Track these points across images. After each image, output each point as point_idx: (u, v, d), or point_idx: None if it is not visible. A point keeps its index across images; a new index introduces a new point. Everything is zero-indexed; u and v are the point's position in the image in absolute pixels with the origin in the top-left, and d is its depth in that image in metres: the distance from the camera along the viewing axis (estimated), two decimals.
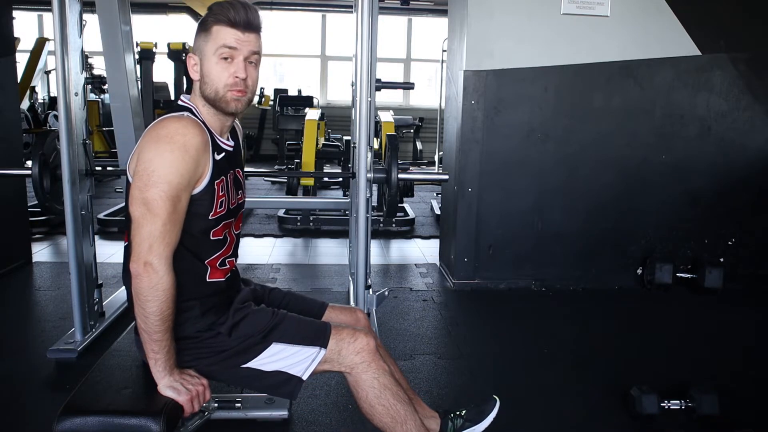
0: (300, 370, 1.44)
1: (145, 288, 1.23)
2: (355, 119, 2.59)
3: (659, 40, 3.37)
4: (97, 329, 2.60)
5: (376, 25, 2.51)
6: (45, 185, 2.51)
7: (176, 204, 1.26)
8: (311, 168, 5.12)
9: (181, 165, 1.26)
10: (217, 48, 1.34)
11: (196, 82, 1.39)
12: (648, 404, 2.01)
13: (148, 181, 1.24)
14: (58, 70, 2.33)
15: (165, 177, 1.24)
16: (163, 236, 1.24)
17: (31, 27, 9.88)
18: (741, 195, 3.56)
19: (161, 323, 1.25)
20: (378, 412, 1.45)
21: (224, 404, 1.98)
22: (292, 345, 1.43)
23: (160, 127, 1.30)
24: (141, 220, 1.24)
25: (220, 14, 1.34)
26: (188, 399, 1.30)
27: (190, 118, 1.34)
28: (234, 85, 1.35)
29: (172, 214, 1.25)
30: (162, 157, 1.25)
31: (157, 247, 1.23)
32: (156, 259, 1.23)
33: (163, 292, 1.24)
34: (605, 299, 3.38)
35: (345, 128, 6.87)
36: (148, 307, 1.24)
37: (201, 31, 1.37)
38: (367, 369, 1.44)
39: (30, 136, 6.74)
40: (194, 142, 1.28)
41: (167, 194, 1.24)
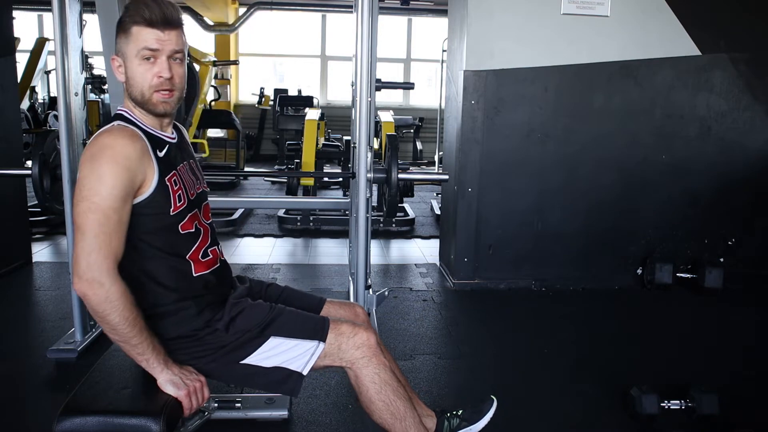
0: (299, 365, 1.43)
1: (97, 304, 1.21)
2: (355, 119, 2.59)
3: (659, 40, 3.37)
4: (97, 329, 2.59)
5: (376, 25, 2.51)
6: (45, 185, 2.51)
7: (109, 215, 1.22)
8: (311, 168, 5.11)
9: (111, 178, 1.23)
10: (139, 50, 1.31)
11: (123, 84, 1.37)
12: (648, 404, 2.01)
13: (80, 197, 1.23)
14: (58, 70, 2.33)
15: (93, 191, 1.22)
16: (98, 250, 1.21)
17: (31, 27, 9.87)
18: (741, 195, 3.56)
19: (130, 328, 1.24)
20: (378, 407, 1.45)
21: (224, 404, 1.98)
22: (290, 339, 1.42)
23: (91, 145, 1.29)
24: (75, 238, 1.23)
25: (136, 14, 1.30)
26: (186, 393, 1.30)
27: (121, 127, 1.32)
28: (159, 86, 1.33)
29: (104, 226, 1.22)
30: (93, 172, 1.24)
31: (94, 262, 1.20)
32: (96, 273, 1.20)
33: (118, 300, 1.21)
34: (605, 299, 3.38)
35: (345, 128, 6.87)
36: (110, 320, 1.22)
37: (120, 32, 1.33)
38: (368, 364, 1.44)
39: (30, 136, 6.74)
40: (125, 152, 1.26)
41: (96, 207, 1.22)
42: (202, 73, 5.99)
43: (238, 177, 7.21)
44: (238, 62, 9.45)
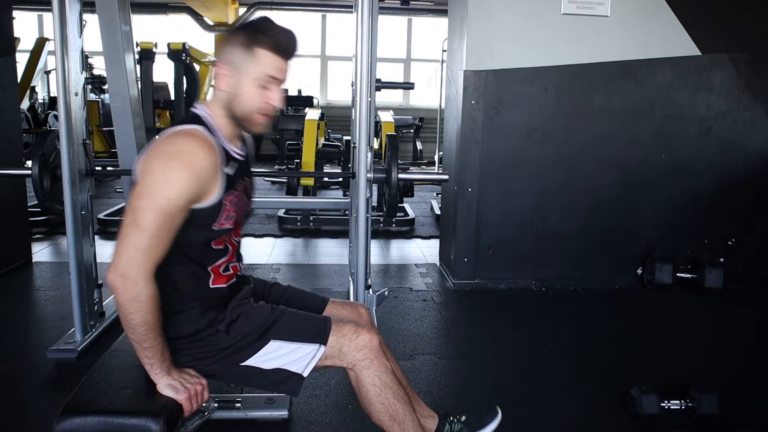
0: (300, 368, 1.43)
1: (125, 300, 1.20)
2: (355, 119, 2.59)
3: (659, 40, 3.37)
4: (97, 329, 2.60)
5: (376, 25, 2.51)
6: (45, 185, 2.51)
7: (167, 220, 1.22)
8: (311, 168, 5.12)
9: (182, 184, 1.23)
10: (261, 75, 1.32)
11: (221, 92, 1.35)
12: (648, 404, 2.01)
13: (145, 192, 1.22)
14: (58, 70, 2.33)
15: (162, 192, 1.21)
16: (146, 250, 1.20)
17: (31, 27, 9.88)
18: (741, 195, 3.56)
19: (149, 331, 1.24)
20: (377, 409, 1.45)
21: (224, 404, 1.98)
22: (290, 342, 1.42)
23: (169, 142, 1.28)
24: (127, 229, 1.21)
25: (269, 39, 1.31)
26: (186, 398, 1.30)
27: (202, 136, 1.29)
28: (266, 111, 1.35)
29: (160, 229, 1.21)
30: (164, 173, 1.23)
31: (138, 259, 1.19)
32: (135, 271, 1.19)
33: (145, 303, 1.21)
34: (605, 299, 3.38)
35: (345, 128, 6.87)
36: (132, 318, 1.22)
37: (242, 47, 1.32)
38: (369, 366, 1.44)
39: (30, 136, 6.75)
40: (201, 164, 1.25)
41: (160, 209, 1.21)
42: (202, 73, 6.00)
43: None
44: None
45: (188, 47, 5.41)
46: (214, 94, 1.39)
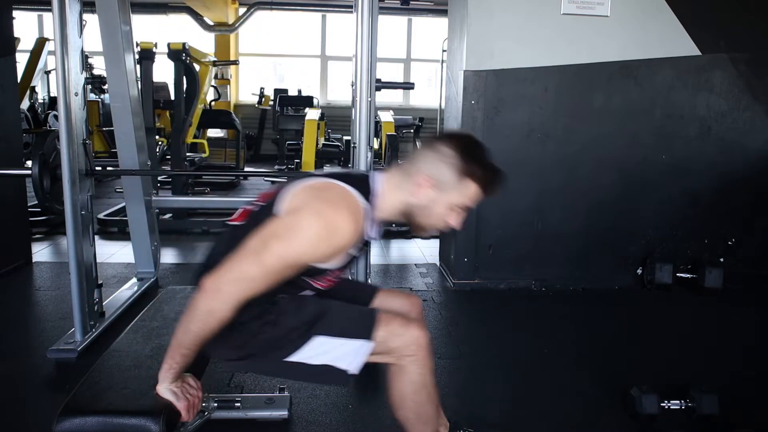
0: (347, 364, 1.39)
1: (203, 307, 1.22)
2: (355, 119, 2.60)
3: (659, 40, 3.37)
4: (97, 329, 2.60)
5: (376, 25, 2.51)
6: (45, 185, 2.51)
7: (284, 269, 1.25)
8: (311, 168, 5.12)
9: (316, 249, 1.24)
10: (460, 203, 1.36)
11: (414, 198, 1.35)
12: (648, 404, 2.01)
13: (282, 235, 1.23)
14: (58, 70, 2.32)
15: (295, 245, 1.23)
16: (252, 282, 1.23)
17: (31, 27, 9.88)
18: (741, 195, 3.56)
19: (196, 343, 1.25)
20: (407, 406, 1.44)
21: (224, 404, 1.98)
22: (335, 338, 1.38)
23: (333, 203, 1.26)
24: (248, 254, 1.23)
25: (482, 177, 1.35)
26: (185, 406, 1.29)
27: (359, 218, 1.29)
28: (441, 228, 1.38)
29: (272, 274, 1.24)
30: (308, 230, 1.23)
31: (240, 285, 1.22)
32: (229, 293, 1.22)
33: (215, 321, 1.23)
34: (605, 299, 3.38)
35: (345, 128, 6.86)
36: (194, 324, 1.23)
37: (455, 171, 1.33)
38: (414, 363, 1.41)
39: (30, 136, 6.74)
40: (344, 242, 1.26)
41: (285, 257, 1.23)
42: (202, 73, 5.99)
43: (238, 177, 7.21)
44: (238, 62, 9.45)
45: (188, 47, 5.40)
46: (399, 186, 1.37)
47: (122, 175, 3.31)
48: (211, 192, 6.46)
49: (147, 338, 1.61)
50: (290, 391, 2.15)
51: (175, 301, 1.90)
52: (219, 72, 8.17)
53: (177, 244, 4.36)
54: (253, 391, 2.20)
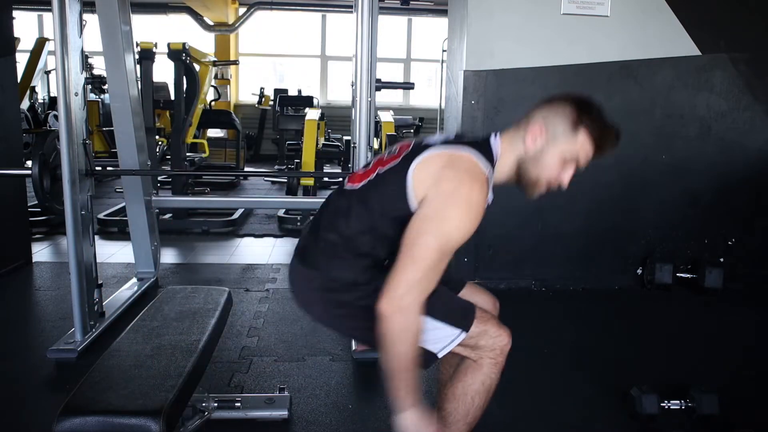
0: (437, 348, 1.40)
1: (397, 330, 1.23)
2: (355, 119, 2.60)
3: (659, 40, 3.37)
4: (97, 329, 2.60)
5: (376, 25, 2.51)
6: (45, 185, 2.51)
7: (445, 258, 1.25)
8: (311, 168, 5.12)
9: (465, 231, 1.25)
10: (572, 155, 1.34)
11: (525, 147, 1.36)
12: (648, 404, 2.01)
13: (432, 229, 1.24)
14: (58, 70, 2.33)
15: (448, 235, 1.24)
16: (423, 284, 1.24)
17: (31, 27, 9.88)
18: (741, 195, 3.56)
19: (409, 362, 1.26)
20: (463, 401, 1.45)
21: (224, 404, 1.98)
22: (435, 320, 1.39)
23: (467, 188, 1.26)
24: (407, 262, 1.24)
25: (598, 131, 1.33)
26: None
27: (488, 184, 1.30)
28: (551, 184, 1.36)
29: (437, 268, 1.24)
30: (458, 218, 1.24)
31: (414, 292, 1.23)
32: (411, 303, 1.23)
33: (414, 334, 1.25)
34: (605, 299, 3.38)
35: (345, 128, 6.87)
36: (398, 348, 1.24)
37: (569, 121, 1.34)
38: (491, 366, 1.43)
39: (30, 136, 6.74)
40: (483, 209, 1.28)
41: (442, 249, 1.24)
42: (202, 73, 5.99)
43: (238, 177, 7.21)
44: (238, 62, 9.45)
45: (188, 47, 5.40)
46: (513, 144, 1.38)
47: (122, 175, 3.31)
48: (211, 192, 6.46)
49: (147, 338, 1.61)
50: (290, 391, 2.16)
51: (175, 301, 1.90)
52: (219, 72, 8.17)
53: (177, 244, 4.36)
54: (253, 391, 2.20)
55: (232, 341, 2.64)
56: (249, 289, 3.37)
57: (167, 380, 1.37)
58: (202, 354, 1.56)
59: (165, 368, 1.43)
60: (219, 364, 2.40)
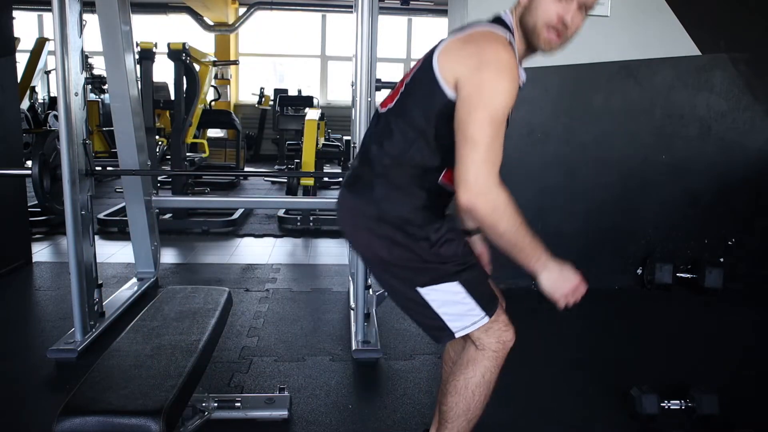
0: (456, 327, 1.41)
1: (486, 214, 1.23)
2: (355, 119, 2.60)
3: (659, 40, 3.37)
4: (97, 329, 2.60)
5: (376, 25, 2.51)
6: (45, 185, 2.51)
7: (499, 128, 1.24)
8: (311, 168, 5.11)
9: (508, 94, 1.24)
10: None
11: (520, 5, 1.36)
12: (648, 404, 2.01)
13: (475, 106, 1.23)
14: (58, 70, 2.33)
15: (492, 104, 1.23)
16: (487, 161, 1.22)
17: (31, 27, 9.88)
18: (741, 195, 3.56)
19: (517, 233, 1.27)
20: (464, 395, 1.45)
21: (224, 404, 1.98)
22: (468, 295, 1.40)
23: (492, 50, 1.26)
24: (465, 148, 1.23)
25: None
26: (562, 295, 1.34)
27: (510, 43, 1.31)
28: (553, 27, 1.32)
29: (495, 139, 1.23)
30: (495, 86, 1.23)
31: (484, 173, 1.22)
32: (485, 185, 1.22)
33: (505, 209, 1.24)
34: (605, 299, 3.38)
35: (345, 128, 6.87)
36: (499, 227, 1.25)
37: None
38: (494, 359, 1.44)
39: (30, 136, 6.74)
40: (517, 75, 1.28)
41: (492, 120, 1.22)
42: (202, 73, 5.99)
43: (238, 177, 7.21)
44: (238, 62, 9.45)
45: (188, 47, 5.40)
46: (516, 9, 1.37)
47: (122, 175, 3.31)
48: (211, 192, 6.46)
49: (147, 338, 1.61)
50: (290, 391, 2.16)
51: (175, 301, 1.90)
52: (219, 72, 8.17)
53: (177, 244, 4.36)
54: (253, 391, 2.20)
55: (232, 341, 2.64)
56: (249, 289, 3.37)
57: (167, 380, 1.37)
58: (202, 354, 1.56)
59: (165, 368, 1.43)
60: (219, 364, 2.40)
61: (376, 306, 2.83)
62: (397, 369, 2.44)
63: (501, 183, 1.24)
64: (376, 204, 1.38)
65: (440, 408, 1.51)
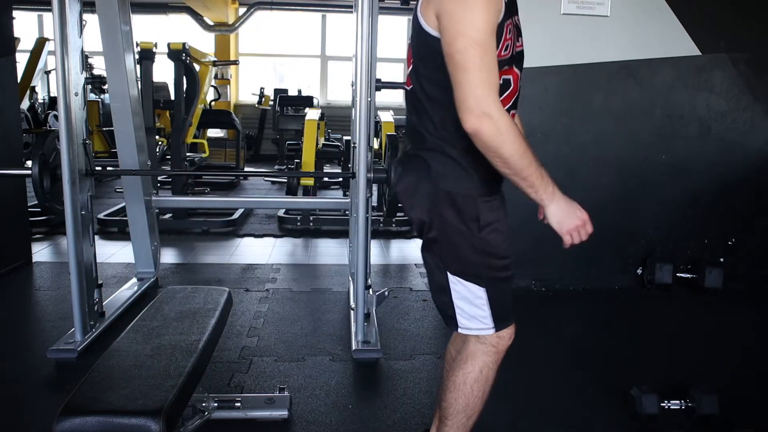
0: (463, 324, 1.43)
1: (489, 138, 1.21)
2: (355, 119, 2.60)
3: (659, 40, 3.36)
4: (97, 329, 2.60)
5: (376, 25, 2.51)
6: (45, 185, 2.51)
7: (486, 49, 1.21)
8: (311, 168, 5.11)
9: (484, 9, 1.21)
10: None
11: None
12: (648, 404, 2.01)
13: (454, 34, 1.21)
14: (58, 70, 2.33)
15: (470, 25, 1.20)
16: (484, 82, 1.20)
17: (31, 27, 9.88)
18: (741, 195, 3.56)
19: (522, 159, 1.24)
20: (462, 391, 1.46)
21: (224, 404, 1.98)
22: (488, 306, 1.42)
23: None
24: (457, 76, 1.22)
25: None
26: (566, 231, 1.36)
27: None
28: None
29: (484, 60, 1.20)
30: (464, 7, 1.21)
31: (482, 95, 1.20)
32: (485, 107, 1.20)
33: (508, 132, 1.21)
34: (605, 299, 3.38)
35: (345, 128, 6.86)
36: (502, 153, 1.23)
37: None
38: (492, 354, 1.46)
39: (30, 136, 6.75)
40: None
41: (475, 41, 1.20)
42: (202, 73, 5.99)
43: (238, 177, 7.21)
44: (238, 62, 9.45)
45: (188, 47, 5.40)
46: None
47: (122, 175, 3.32)
48: (211, 192, 6.46)
49: (147, 338, 1.61)
50: (290, 391, 2.16)
51: (175, 301, 1.90)
52: (219, 72, 8.17)
53: (177, 244, 4.36)
54: (253, 391, 2.20)
55: (232, 341, 2.64)
56: (249, 289, 3.37)
57: (167, 380, 1.37)
58: (202, 354, 1.56)
59: (165, 368, 1.43)
60: (219, 364, 2.40)
61: (376, 306, 2.84)
62: (397, 369, 2.44)
63: (501, 106, 1.23)
64: (429, 180, 1.38)
65: (440, 405, 1.52)
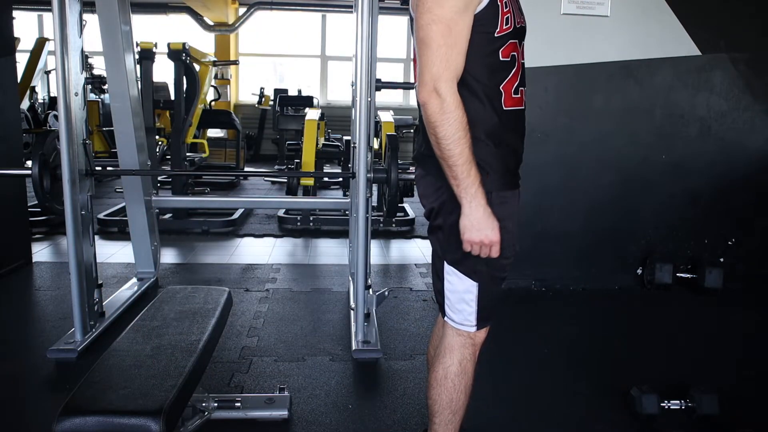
0: (447, 313, 1.48)
1: (432, 113, 1.25)
2: (355, 119, 2.60)
3: (659, 40, 3.37)
4: (97, 329, 2.60)
5: (376, 25, 2.52)
6: (45, 185, 2.51)
7: (450, 27, 1.23)
8: (311, 168, 5.11)
9: None
10: None
11: None
12: (648, 404, 2.01)
13: (422, 10, 1.24)
14: (58, 70, 2.33)
15: (436, 3, 1.22)
16: (440, 60, 1.23)
17: (31, 27, 9.88)
18: (741, 195, 3.56)
19: (454, 146, 1.25)
20: (444, 385, 1.48)
21: (224, 404, 1.98)
22: (475, 302, 1.44)
23: None
24: (420, 51, 1.26)
25: None
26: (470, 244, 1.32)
27: None
28: None
29: (446, 38, 1.23)
30: None
31: (437, 72, 1.23)
32: (437, 83, 1.23)
33: (451, 114, 1.24)
34: (605, 299, 3.38)
35: (345, 128, 6.86)
36: (438, 131, 1.25)
37: None
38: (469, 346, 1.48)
39: (30, 136, 6.74)
40: None
41: (438, 18, 1.22)
42: (202, 73, 5.99)
43: (238, 177, 7.21)
44: (238, 62, 9.45)
45: (188, 47, 5.40)
46: None
47: (122, 175, 3.31)
48: (211, 192, 6.46)
49: (147, 338, 1.61)
50: (290, 391, 2.16)
51: (175, 301, 1.90)
52: (219, 72, 8.17)
53: (177, 244, 4.36)
54: (253, 391, 2.20)
55: (232, 341, 2.64)
56: (249, 289, 3.37)
57: (167, 380, 1.37)
58: (202, 354, 1.56)
59: (165, 368, 1.43)
60: (219, 364, 2.40)
61: (376, 306, 2.84)
62: (397, 369, 2.44)
63: (454, 87, 1.25)
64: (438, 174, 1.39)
65: (427, 404, 1.54)
